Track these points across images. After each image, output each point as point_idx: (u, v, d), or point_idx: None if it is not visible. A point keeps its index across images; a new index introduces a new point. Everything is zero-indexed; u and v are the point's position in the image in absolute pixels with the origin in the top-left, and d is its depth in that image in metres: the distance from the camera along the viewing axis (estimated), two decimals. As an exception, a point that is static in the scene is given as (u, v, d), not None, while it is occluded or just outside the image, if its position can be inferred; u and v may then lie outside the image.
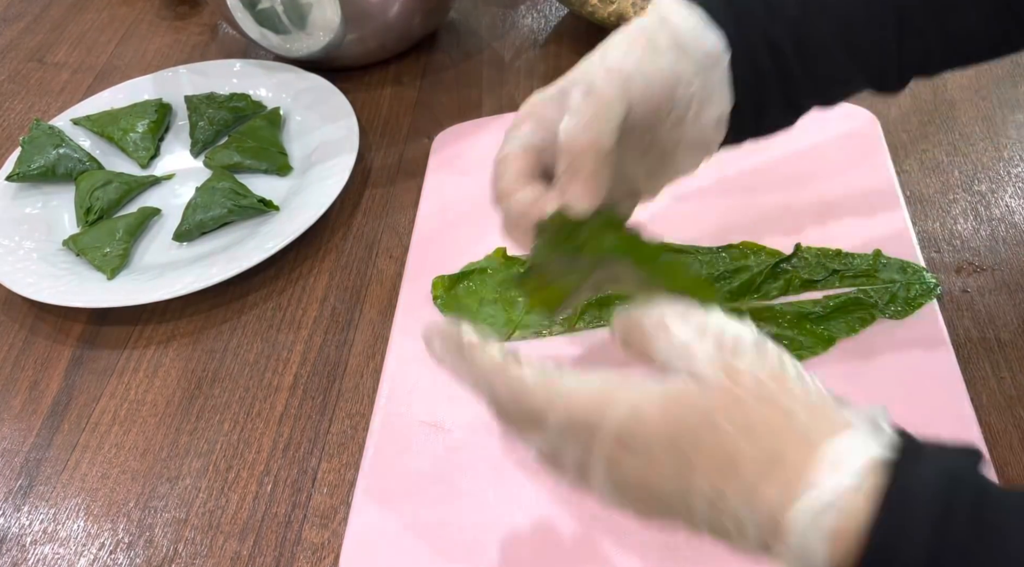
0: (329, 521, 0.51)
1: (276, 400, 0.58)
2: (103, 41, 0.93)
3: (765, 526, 0.31)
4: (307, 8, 0.74)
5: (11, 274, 0.65)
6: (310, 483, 0.53)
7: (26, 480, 0.56)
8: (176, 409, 0.58)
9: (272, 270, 0.66)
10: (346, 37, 0.77)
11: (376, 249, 0.67)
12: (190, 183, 0.72)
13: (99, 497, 0.54)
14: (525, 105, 0.45)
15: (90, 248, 0.67)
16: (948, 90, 0.72)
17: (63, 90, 0.87)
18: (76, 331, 0.64)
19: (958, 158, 0.66)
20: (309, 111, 0.77)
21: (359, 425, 0.56)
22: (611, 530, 0.48)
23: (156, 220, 0.71)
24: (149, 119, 0.77)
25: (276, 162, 0.73)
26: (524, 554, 0.47)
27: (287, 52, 0.80)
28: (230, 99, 0.78)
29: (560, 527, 0.48)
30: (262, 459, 0.55)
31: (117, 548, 0.52)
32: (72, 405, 0.60)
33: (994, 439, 0.50)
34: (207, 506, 0.53)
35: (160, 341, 0.63)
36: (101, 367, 0.62)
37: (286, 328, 0.62)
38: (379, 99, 0.80)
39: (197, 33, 0.92)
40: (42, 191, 0.74)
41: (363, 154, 0.74)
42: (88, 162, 0.75)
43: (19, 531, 0.53)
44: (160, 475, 0.55)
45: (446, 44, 0.86)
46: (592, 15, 0.77)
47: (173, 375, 0.61)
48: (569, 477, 0.36)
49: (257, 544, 0.51)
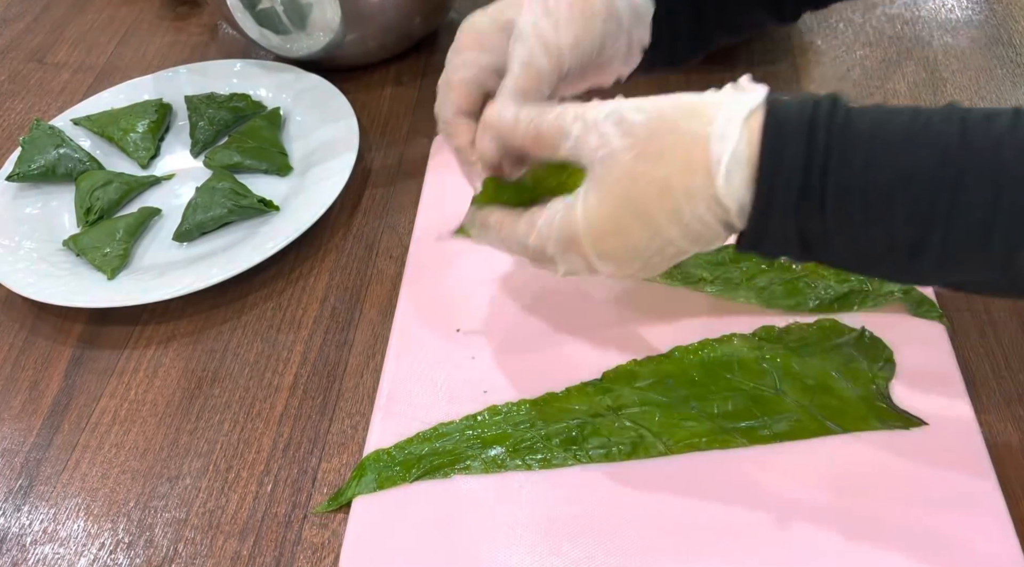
0: (329, 521, 0.51)
1: (276, 400, 0.58)
2: (103, 41, 0.93)
3: (711, 202, 0.40)
4: (307, 8, 0.74)
5: (11, 274, 0.65)
6: (310, 483, 0.53)
7: (26, 480, 0.56)
8: (176, 409, 0.58)
9: (272, 270, 0.66)
10: (346, 37, 0.77)
11: (376, 249, 0.67)
12: (190, 183, 0.72)
13: (99, 497, 0.54)
14: (467, 29, 0.52)
15: (90, 248, 0.67)
16: (948, 90, 0.72)
17: (63, 90, 0.87)
18: (76, 331, 0.64)
19: (958, 158, 0.66)
20: (309, 111, 0.77)
21: (359, 425, 0.56)
22: (611, 530, 0.48)
23: (156, 220, 0.71)
24: (149, 119, 0.77)
25: (276, 162, 0.73)
26: (524, 554, 0.47)
27: (287, 52, 0.80)
28: (230, 99, 0.78)
29: (560, 527, 0.48)
30: (262, 459, 0.55)
31: (117, 548, 0.52)
32: (72, 405, 0.60)
33: (994, 439, 0.50)
34: (207, 506, 0.53)
35: (160, 341, 0.63)
36: (101, 367, 0.62)
37: (286, 328, 0.62)
38: (379, 99, 0.80)
39: (197, 33, 0.92)
40: (42, 191, 0.74)
41: (363, 154, 0.74)
42: (88, 162, 0.75)
43: (19, 531, 0.53)
44: (160, 475, 0.55)
45: (446, 44, 0.85)
46: (592, 15, 0.77)
47: (173, 375, 0.61)
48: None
49: (257, 544, 0.51)
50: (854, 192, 0.38)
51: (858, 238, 0.39)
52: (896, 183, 0.37)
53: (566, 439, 0.52)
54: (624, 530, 0.48)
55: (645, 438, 0.51)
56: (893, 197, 0.37)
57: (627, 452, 0.51)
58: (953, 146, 0.37)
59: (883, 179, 0.37)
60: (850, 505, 0.47)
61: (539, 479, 0.50)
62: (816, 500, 0.48)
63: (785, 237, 0.40)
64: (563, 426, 0.52)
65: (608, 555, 0.47)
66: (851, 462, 0.49)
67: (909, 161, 0.37)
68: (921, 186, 0.37)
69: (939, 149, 0.37)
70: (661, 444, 0.51)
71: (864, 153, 0.38)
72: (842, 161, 0.38)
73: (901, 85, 0.72)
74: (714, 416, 0.51)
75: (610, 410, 0.53)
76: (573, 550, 0.47)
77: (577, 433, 0.52)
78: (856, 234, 0.39)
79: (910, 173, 0.37)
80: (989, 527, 0.45)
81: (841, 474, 0.48)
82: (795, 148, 0.38)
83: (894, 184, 0.37)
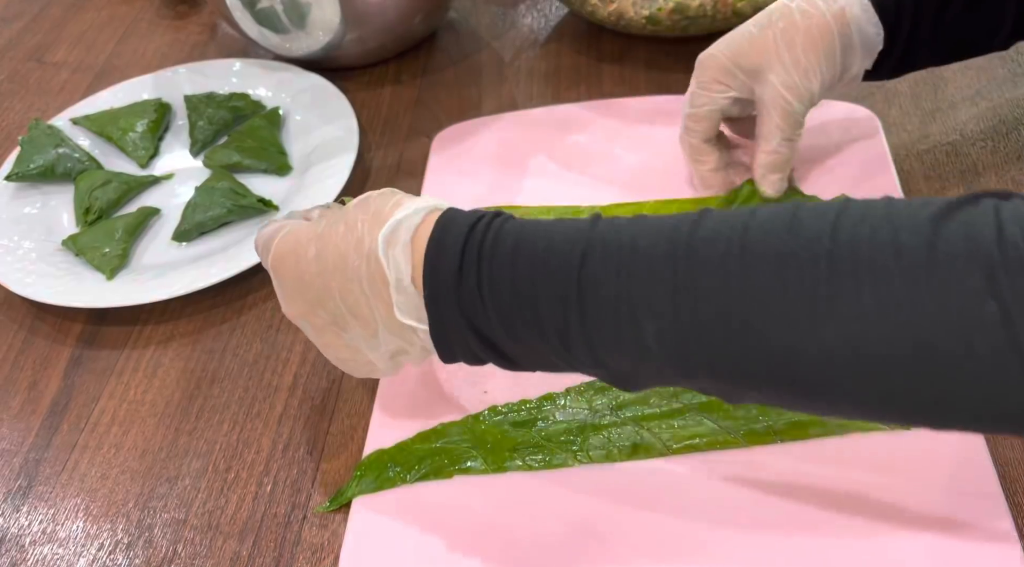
0: (329, 521, 0.51)
1: (276, 400, 0.58)
2: (102, 40, 0.93)
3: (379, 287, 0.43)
4: (307, 8, 0.74)
5: (10, 274, 0.65)
6: (310, 483, 0.53)
7: (25, 480, 0.56)
8: (175, 409, 0.58)
9: (272, 270, 0.66)
10: (346, 37, 0.77)
11: (376, 249, 0.67)
12: (189, 183, 0.72)
13: (98, 497, 0.54)
14: (711, 66, 0.59)
15: (89, 248, 0.67)
16: (948, 90, 0.72)
17: (62, 90, 0.87)
18: (75, 331, 0.64)
19: (958, 158, 0.66)
20: (309, 111, 0.77)
21: (359, 425, 0.56)
22: (611, 530, 0.48)
23: (155, 220, 0.71)
24: (148, 119, 0.77)
25: (276, 162, 0.73)
26: (524, 554, 0.47)
27: (287, 52, 0.80)
28: (229, 99, 0.78)
29: (560, 527, 0.48)
30: (262, 459, 0.55)
31: (116, 548, 0.52)
32: (71, 405, 0.60)
33: (994, 439, 0.50)
34: (206, 506, 0.53)
35: (160, 341, 0.63)
36: (100, 367, 0.62)
37: (286, 328, 0.62)
38: (379, 99, 0.80)
39: (197, 33, 0.92)
40: (41, 191, 0.74)
41: (363, 154, 0.74)
42: (87, 162, 0.74)
43: (18, 531, 0.53)
44: (159, 475, 0.55)
45: (446, 44, 0.86)
46: (592, 15, 0.77)
47: (172, 375, 0.60)
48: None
49: (257, 544, 0.51)
50: (504, 280, 0.41)
51: (516, 326, 0.41)
52: (537, 268, 0.40)
53: (566, 439, 0.52)
54: (624, 530, 0.48)
55: (645, 438, 0.51)
56: (535, 281, 0.40)
57: (627, 452, 0.51)
58: (584, 228, 0.40)
59: (525, 265, 0.40)
60: (850, 505, 0.47)
61: (539, 479, 0.50)
62: (816, 500, 0.47)
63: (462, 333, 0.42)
64: (563, 426, 0.52)
65: (608, 555, 0.47)
66: (851, 462, 0.49)
67: (544, 245, 0.40)
68: (556, 267, 0.40)
69: (572, 231, 0.40)
70: (661, 444, 0.51)
71: (512, 244, 0.41)
72: (492, 253, 0.41)
73: (902, 85, 0.72)
74: (714, 416, 0.51)
75: (610, 410, 0.53)
76: (573, 550, 0.47)
77: (577, 433, 0.52)
78: (513, 322, 0.41)
79: (545, 257, 0.40)
80: (989, 527, 0.45)
81: (841, 474, 0.48)
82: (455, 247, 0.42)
83: (536, 269, 0.40)
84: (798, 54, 0.56)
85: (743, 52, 0.58)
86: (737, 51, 0.58)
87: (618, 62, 0.80)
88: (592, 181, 0.68)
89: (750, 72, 0.58)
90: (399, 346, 0.46)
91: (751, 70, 0.58)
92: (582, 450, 0.51)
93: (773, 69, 0.57)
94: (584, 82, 0.78)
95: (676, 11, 0.73)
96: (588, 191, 0.67)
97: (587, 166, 0.69)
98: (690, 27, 0.75)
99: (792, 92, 0.57)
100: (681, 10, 0.73)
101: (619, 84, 0.77)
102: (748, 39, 0.58)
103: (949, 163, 0.66)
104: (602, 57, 0.80)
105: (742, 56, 0.58)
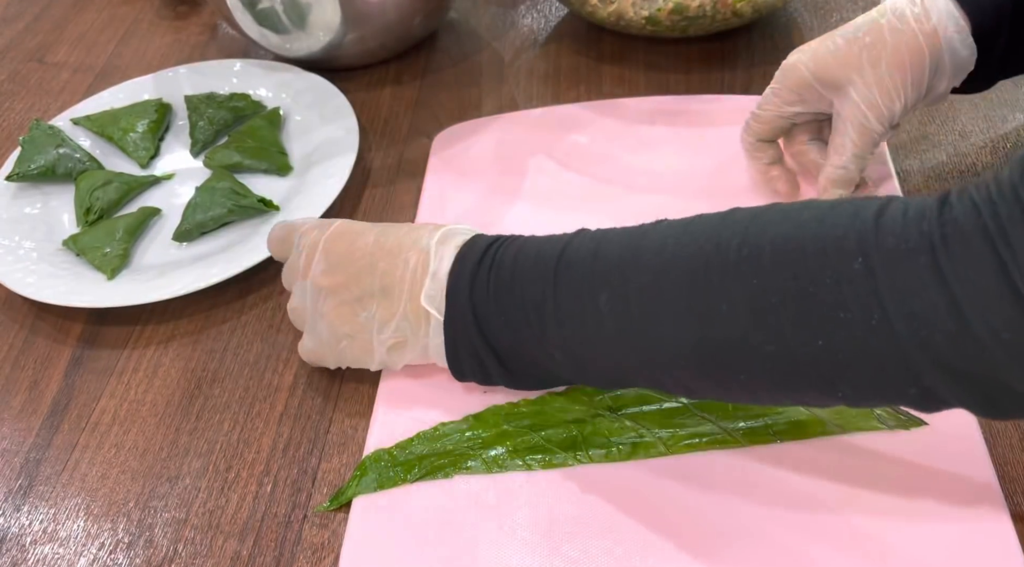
0: (329, 521, 0.51)
1: (276, 400, 0.58)
2: (103, 41, 0.93)
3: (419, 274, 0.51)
4: (307, 8, 0.74)
5: (11, 274, 0.65)
6: (310, 483, 0.53)
7: (26, 480, 0.56)
8: (176, 409, 0.58)
9: (272, 270, 0.66)
10: (346, 37, 0.77)
11: (376, 249, 0.67)
12: (190, 183, 0.72)
13: (99, 497, 0.54)
14: (792, 75, 0.58)
15: (90, 248, 0.67)
16: (948, 90, 0.72)
17: (63, 90, 0.87)
18: (76, 331, 0.64)
19: (958, 158, 0.66)
20: (309, 111, 0.77)
21: (359, 425, 0.56)
22: (611, 530, 0.48)
23: (156, 220, 0.71)
24: (149, 119, 0.77)
25: (276, 162, 0.73)
26: (524, 554, 0.47)
27: (287, 52, 0.80)
28: (230, 99, 0.78)
29: (560, 527, 0.48)
30: (262, 459, 0.55)
31: (117, 548, 0.52)
32: (72, 405, 0.60)
33: (994, 439, 0.50)
34: (207, 506, 0.53)
35: (160, 341, 0.63)
36: (101, 367, 0.62)
37: (286, 328, 0.62)
38: (379, 99, 0.80)
39: (197, 33, 0.92)
40: (42, 191, 0.74)
41: (363, 154, 0.74)
42: (88, 162, 0.75)
43: (19, 531, 0.53)
44: (160, 475, 0.55)
45: (446, 44, 0.86)
46: (592, 15, 0.77)
47: (173, 375, 0.61)
48: None
49: (257, 544, 0.51)
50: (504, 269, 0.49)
51: (507, 309, 0.48)
52: (528, 259, 0.48)
53: (566, 439, 0.52)
54: (624, 530, 0.48)
55: (645, 438, 0.51)
56: (524, 269, 0.48)
57: (627, 452, 0.51)
58: (570, 232, 0.49)
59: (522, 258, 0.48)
60: (850, 505, 0.47)
61: (539, 479, 0.50)
62: (816, 501, 0.48)
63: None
64: (563, 426, 0.52)
65: (608, 555, 0.47)
66: (851, 462, 0.49)
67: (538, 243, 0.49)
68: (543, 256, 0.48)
69: (561, 235, 0.49)
70: (661, 444, 0.51)
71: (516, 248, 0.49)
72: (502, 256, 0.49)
73: (901, 85, 0.72)
74: (714, 416, 0.51)
75: (610, 410, 0.53)
76: (573, 550, 0.47)
77: (577, 433, 0.52)
78: (506, 306, 0.48)
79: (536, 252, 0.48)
80: (989, 527, 0.45)
81: (841, 474, 0.48)
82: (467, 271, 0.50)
83: (527, 259, 0.48)
84: (882, 73, 0.55)
85: (826, 65, 0.56)
86: (820, 64, 0.56)
87: (618, 62, 0.80)
88: (592, 181, 0.68)
89: (830, 85, 0.57)
90: (404, 337, 0.52)
91: (832, 83, 0.56)
92: (582, 450, 0.51)
93: (855, 85, 0.55)
94: (584, 83, 0.78)
95: (675, 11, 0.73)
96: (588, 191, 0.67)
97: (587, 166, 0.69)
98: (689, 27, 0.75)
99: (873, 110, 0.55)
100: (680, 11, 0.73)
101: (619, 84, 0.77)
102: (832, 52, 0.56)
103: (949, 163, 0.66)
104: (602, 57, 0.80)
105: (824, 70, 0.56)
